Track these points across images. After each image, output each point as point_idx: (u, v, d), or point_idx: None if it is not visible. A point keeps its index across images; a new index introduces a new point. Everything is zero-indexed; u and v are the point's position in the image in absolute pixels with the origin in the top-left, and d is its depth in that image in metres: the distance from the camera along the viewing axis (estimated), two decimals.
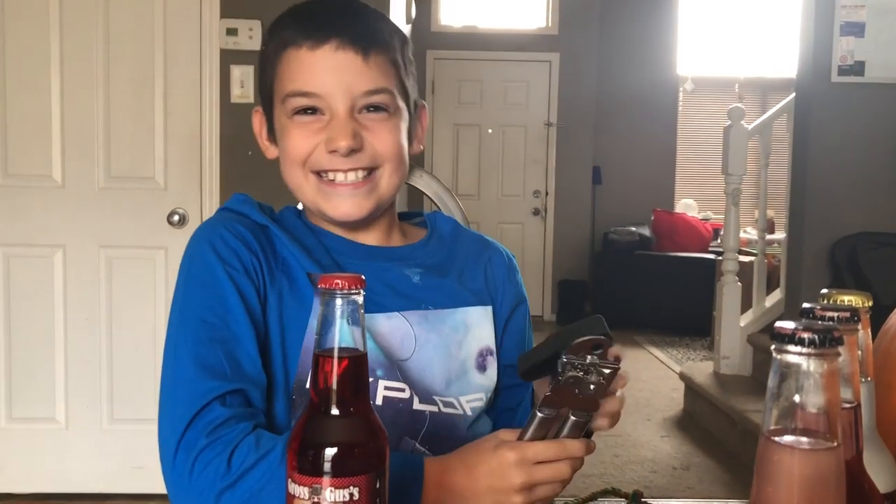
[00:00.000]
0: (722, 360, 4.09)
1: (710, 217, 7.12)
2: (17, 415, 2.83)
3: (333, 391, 0.62)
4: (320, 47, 0.91)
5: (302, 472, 0.60)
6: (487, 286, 1.04)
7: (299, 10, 0.96)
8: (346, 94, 0.92)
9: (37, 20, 2.77)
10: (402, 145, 0.97)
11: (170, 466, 0.83)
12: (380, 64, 0.93)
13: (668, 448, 3.74)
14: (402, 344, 0.94)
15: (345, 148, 0.91)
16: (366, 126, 0.93)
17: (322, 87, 0.92)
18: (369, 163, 0.95)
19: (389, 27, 0.98)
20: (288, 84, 0.93)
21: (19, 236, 2.82)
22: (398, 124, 0.96)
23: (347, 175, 0.94)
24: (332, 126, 0.92)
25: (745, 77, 7.49)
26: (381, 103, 0.94)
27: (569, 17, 6.80)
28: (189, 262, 0.93)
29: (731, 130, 4.04)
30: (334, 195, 0.95)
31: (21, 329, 2.84)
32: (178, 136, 2.84)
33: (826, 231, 3.47)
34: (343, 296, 0.62)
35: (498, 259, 1.07)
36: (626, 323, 6.30)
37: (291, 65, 0.93)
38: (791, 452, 0.50)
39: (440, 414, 0.95)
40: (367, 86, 0.92)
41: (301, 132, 0.94)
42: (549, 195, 6.92)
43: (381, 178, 0.96)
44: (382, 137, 0.94)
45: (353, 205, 0.95)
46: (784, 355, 0.50)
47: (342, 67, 0.92)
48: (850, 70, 3.36)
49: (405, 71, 0.98)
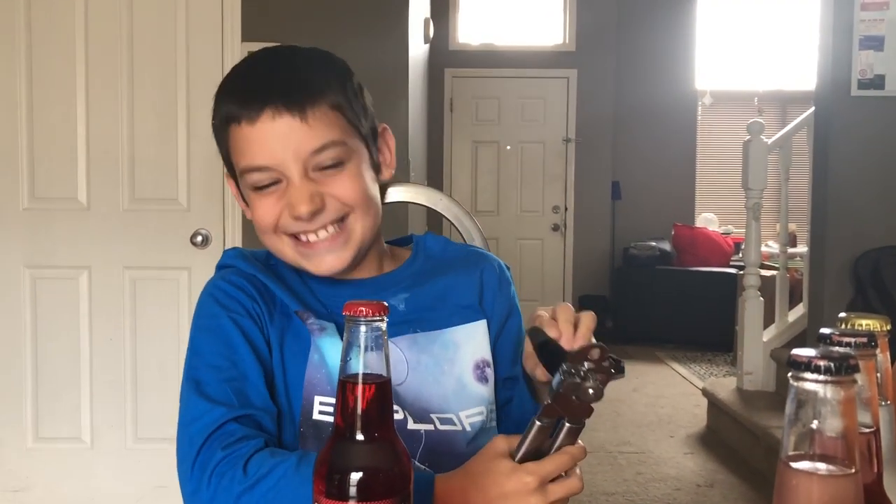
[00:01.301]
0: (745, 376, 4.06)
1: (732, 231, 7.08)
2: (43, 435, 2.86)
3: (359, 416, 0.63)
4: (258, 119, 0.92)
5: (329, 496, 0.62)
6: (481, 299, 1.05)
7: (233, 80, 0.98)
8: (294, 159, 0.92)
9: (63, 47, 2.83)
10: (366, 187, 0.97)
11: (187, 481, 0.87)
12: (319, 117, 0.93)
13: (692, 465, 3.72)
14: (395, 369, 0.95)
15: (306, 213, 0.93)
16: (323, 183, 0.94)
17: (270, 158, 0.93)
18: (336, 215, 0.95)
19: (323, 69, 0.97)
20: (240, 160, 0.95)
21: (45, 258, 2.86)
22: (356, 168, 0.96)
23: (319, 233, 0.96)
24: (290, 193, 0.93)
25: (764, 90, 7.46)
26: (332, 159, 0.94)
27: (585, 34, 6.83)
28: (196, 316, 0.99)
29: (750, 145, 4.03)
30: (313, 255, 0.97)
31: (47, 350, 2.88)
32: (200, 158, 2.88)
33: (848, 245, 3.44)
34: (367, 323, 0.64)
35: (489, 271, 1.07)
36: (647, 338, 6.27)
37: (238, 141, 0.95)
38: (809, 478, 0.51)
39: (436, 432, 0.96)
40: (312, 145, 0.92)
41: (264, 203, 0.95)
42: (568, 211, 6.92)
43: (354, 224, 0.97)
44: (343, 189, 0.95)
45: (333, 259, 0.97)
46: (801, 383, 0.51)
47: (283, 135, 0.92)
48: (869, 84, 3.35)
49: (352, 107, 0.96)
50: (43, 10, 2.83)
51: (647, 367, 5.64)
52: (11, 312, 2.87)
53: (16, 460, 2.88)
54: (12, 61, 2.82)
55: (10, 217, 2.85)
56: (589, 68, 6.83)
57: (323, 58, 0.99)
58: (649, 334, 6.27)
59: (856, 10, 3.33)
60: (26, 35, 2.82)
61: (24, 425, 2.87)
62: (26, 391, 2.87)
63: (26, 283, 2.87)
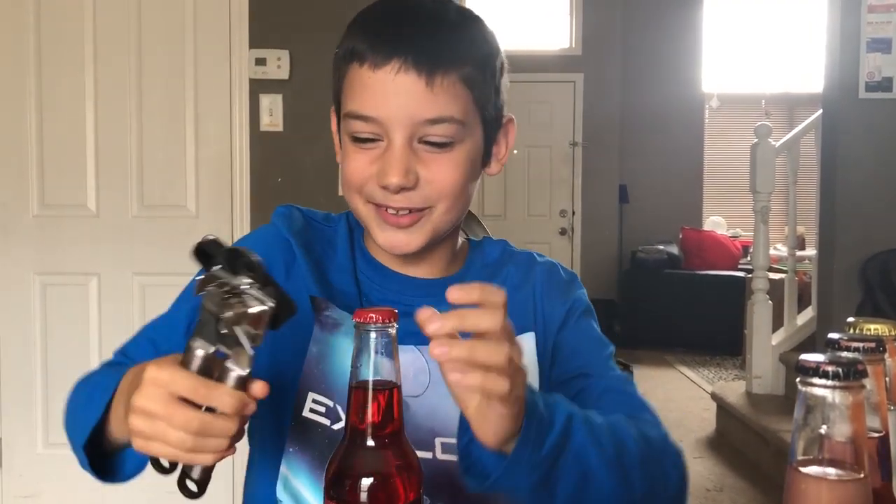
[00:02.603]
0: (754, 380, 4.05)
1: (740, 234, 7.07)
2: (53, 440, 2.88)
3: (369, 423, 0.64)
4: (381, 68, 0.84)
5: (339, 502, 0.62)
6: (534, 310, 0.96)
7: (373, 15, 0.90)
8: (405, 122, 0.84)
9: (72, 55, 2.84)
10: (465, 178, 0.89)
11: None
12: (447, 87, 0.84)
13: (701, 469, 3.70)
14: (416, 379, 0.88)
15: (395, 186, 0.85)
16: (422, 159, 0.86)
17: (380, 112, 0.85)
18: (421, 203, 0.88)
19: (468, 36, 0.89)
20: (349, 101, 0.88)
21: (55, 265, 2.88)
22: (463, 154, 0.88)
23: (399, 210, 0.89)
24: (386, 157, 0.86)
25: (771, 93, 7.45)
26: (443, 136, 0.86)
27: (592, 38, 6.83)
28: None
29: (757, 148, 4.03)
30: (387, 226, 0.90)
31: (57, 356, 2.89)
32: (208, 165, 2.90)
33: (857, 248, 3.43)
34: (377, 329, 0.64)
35: (540, 275, 0.99)
36: (655, 342, 6.25)
37: (354, 81, 0.87)
38: (818, 483, 0.51)
39: (433, 461, 0.87)
40: (429, 114, 0.84)
41: (357, 158, 0.88)
42: (575, 214, 6.92)
43: (437, 215, 0.89)
44: (440, 173, 0.87)
45: (403, 237, 0.89)
46: (809, 388, 0.51)
47: (402, 92, 0.84)
48: (877, 86, 3.34)
49: (485, 87, 0.88)
50: (52, 19, 2.85)
51: (655, 371, 5.63)
52: (21, 318, 2.88)
53: (26, 466, 2.89)
54: (22, 71, 2.84)
55: (20, 224, 2.87)
56: (595, 72, 6.83)
57: (473, 25, 0.90)
58: (657, 338, 6.26)
59: (863, 12, 3.32)
60: (35, 44, 2.84)
61: (33, 431, 2.88)
62: (36, 397, 2.88)
63: (36, 290, 2.89)
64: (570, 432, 0.71)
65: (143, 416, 0.66)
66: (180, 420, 0.64)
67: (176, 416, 0.64)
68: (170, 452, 0.66)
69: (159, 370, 0.66)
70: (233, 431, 0.66)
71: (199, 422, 0.64)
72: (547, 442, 0.69)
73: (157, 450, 0.66)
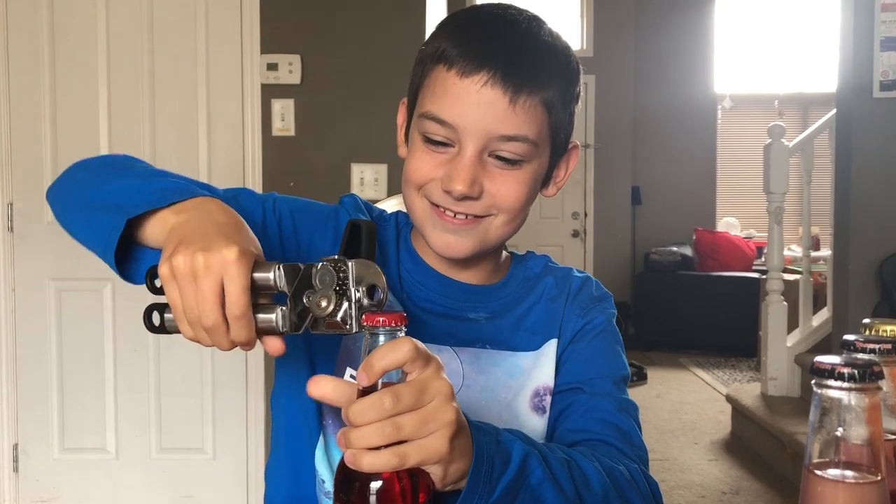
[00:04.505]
0: (769, 382, 4.02)
1: (754, 235, 7.03)
2: (69, 445, 2.90)
3: None
4: (468, 77, 0.84)
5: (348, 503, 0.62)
6: (561, 319, 0.98)
7: (463, 22, 0.91)
8: (480, 134, 0.85)
9: (84, 60, 2.87)
10: (527, 197, 0.90)
11: None
12: (528, 108, 0.85)
13: (717, 472, 3.68)
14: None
15: (459, 193, 0.86)
16: (490, 173, 0.87)
17: (459, 120, 0.85)
18: (482, 212, 0.89)
19: (555, 60, 0.89)
20: (428, 102, 0.88)
21: (70, 271, 2.90)
22: (530, 174, 0.89)
23: (457, 214, 0.89)
24: (455, 164, 0.86)
25: (784, 93, 7.41)
26: (515, 154, 0.87)
27: (603, 39, 6.82)
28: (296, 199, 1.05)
29: (771, 148, 4.00)
30: (441, 226, 0.90)
31: (72, 361, 2.91)
32: (221, 170, 2.91)
33: (873, 248, 3.40)
34: (386, 333, 0.64)
35: (572, 289, 1.01)
36: (669, 344, 6.22)
37: (437, 84, 0.87)
38: (835, 486, 0.50)
39: None
40: (506, 130, 0.85)
41: (425, 159, 0.89)
42: (588, 217, 6.90)
43: (493, 226, 0.90)
44: (504, 188, 0.88)
45: (453, 240, 0.90)
46: (825, 390, 0.50)
47: (484, 105, 0.84)
48: (891, 85, 3.31)
49: (562, 112, 0.90)
50: (66, 28, 2.87)
51: (670, 374, 5.60)
52: (37, 324, 2.90)
53: (42, 471, 2.91)
54: (37, 78, 2.86)
55: (35, 230, 2.89)
56: (607, 74, 6.82)
57: (563, 50, 0.91)
58: (672, 340, 6.23)
59: (876, 11, 3.30)
60: (50, 52, 2.86)
61: (49, 436, 2.90)
62: (52, 402, 2.90)
63: (51, 296, 2.91)
64: (527, 471, 0.73)
65: (187, 280, 0.69)
66: (205, 310, 0.68)
67: (206, 308, 0.68)
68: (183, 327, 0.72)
69: (239, 262, 0.68)
70: (224, 348, 0.71)
71: (213, 321, 0.68)
72: (500, 483, 0.70)
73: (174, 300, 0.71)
